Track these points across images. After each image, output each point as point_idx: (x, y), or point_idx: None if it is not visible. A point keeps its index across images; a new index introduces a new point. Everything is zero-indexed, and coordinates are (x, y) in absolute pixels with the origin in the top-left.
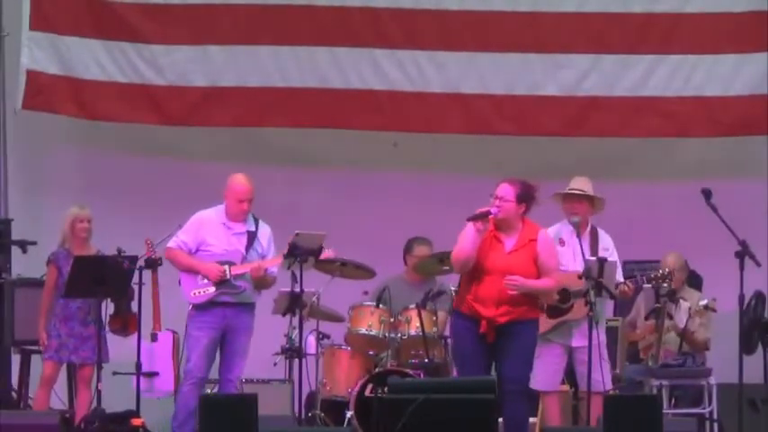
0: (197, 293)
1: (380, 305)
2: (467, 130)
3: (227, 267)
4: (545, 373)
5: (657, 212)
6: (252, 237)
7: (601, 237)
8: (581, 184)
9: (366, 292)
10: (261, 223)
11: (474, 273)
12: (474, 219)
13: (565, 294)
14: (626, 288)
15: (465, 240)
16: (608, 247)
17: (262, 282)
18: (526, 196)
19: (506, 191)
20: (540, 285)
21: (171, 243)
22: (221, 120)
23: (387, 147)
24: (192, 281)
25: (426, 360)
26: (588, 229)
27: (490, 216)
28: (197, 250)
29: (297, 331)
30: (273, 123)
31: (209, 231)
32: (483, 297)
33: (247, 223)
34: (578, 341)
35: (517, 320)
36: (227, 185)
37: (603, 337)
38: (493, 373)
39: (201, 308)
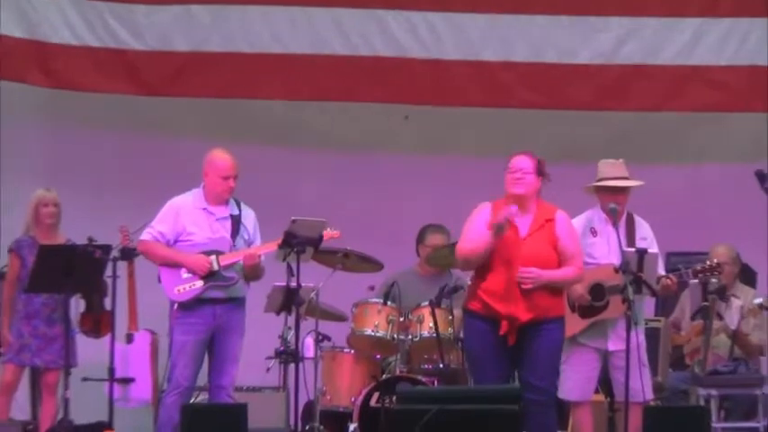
0: (182, 290)
1: (388, 302)
2: (488, 102)
3: (213, 257)
4: (576, 380)
5: (706, 198)
6: (236, 221)
7: (638, 225)
8: (620, 171)
9: (372, 288)
10: (243, 206)
11: (486, 263)
12: (499, 232)
13: (599, 291)
14: (668, 282)
15: (478, 240)
16: (646, 237)
17: (254, 271)
18: (542, 171)
19: (526, 163)
20: (561, 276)
21: (145, 235)
22: (207, 90)
23: (397, 121)
24: (175, 275)
25: (441, 365)
26: (624, 216)
27: (513, 211)
28: (176, 241)
29: (293, 332)
30: (266, 95)
31: (188, 219)
32: (499, 291)
33: (230, 206)
34: (615, 344)
35: (541, 319)
36: (208, 163)
37: (643, 340)
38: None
39: (187, 307)
